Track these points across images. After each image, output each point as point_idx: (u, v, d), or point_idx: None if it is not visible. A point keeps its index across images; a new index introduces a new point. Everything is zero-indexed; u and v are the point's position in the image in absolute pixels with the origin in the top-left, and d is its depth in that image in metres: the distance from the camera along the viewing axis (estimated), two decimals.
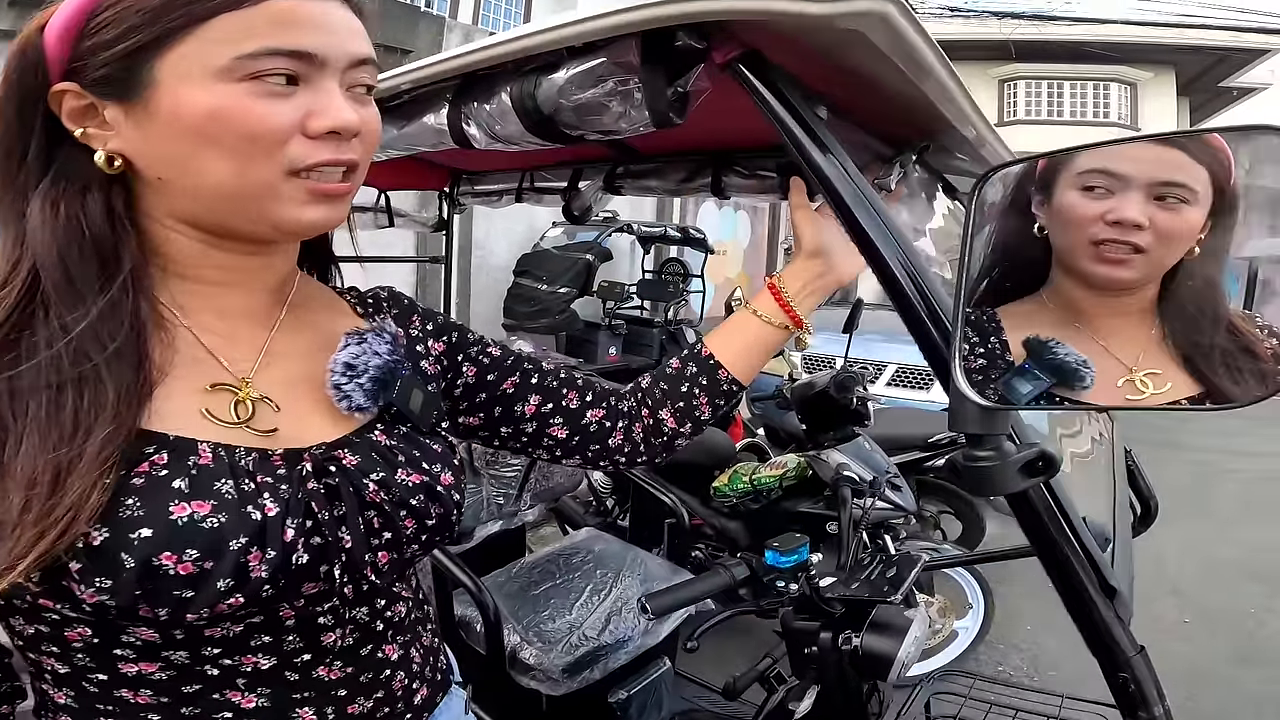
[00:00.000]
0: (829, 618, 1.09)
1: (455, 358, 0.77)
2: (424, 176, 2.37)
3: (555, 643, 1.56)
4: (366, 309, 0.73)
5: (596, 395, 0.83)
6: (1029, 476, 0.53)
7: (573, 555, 1.90)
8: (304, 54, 0.52)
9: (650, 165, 1.86)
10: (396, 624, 0.67)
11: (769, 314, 0.81)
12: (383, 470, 0.60)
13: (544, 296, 6.44)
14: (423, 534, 0.62)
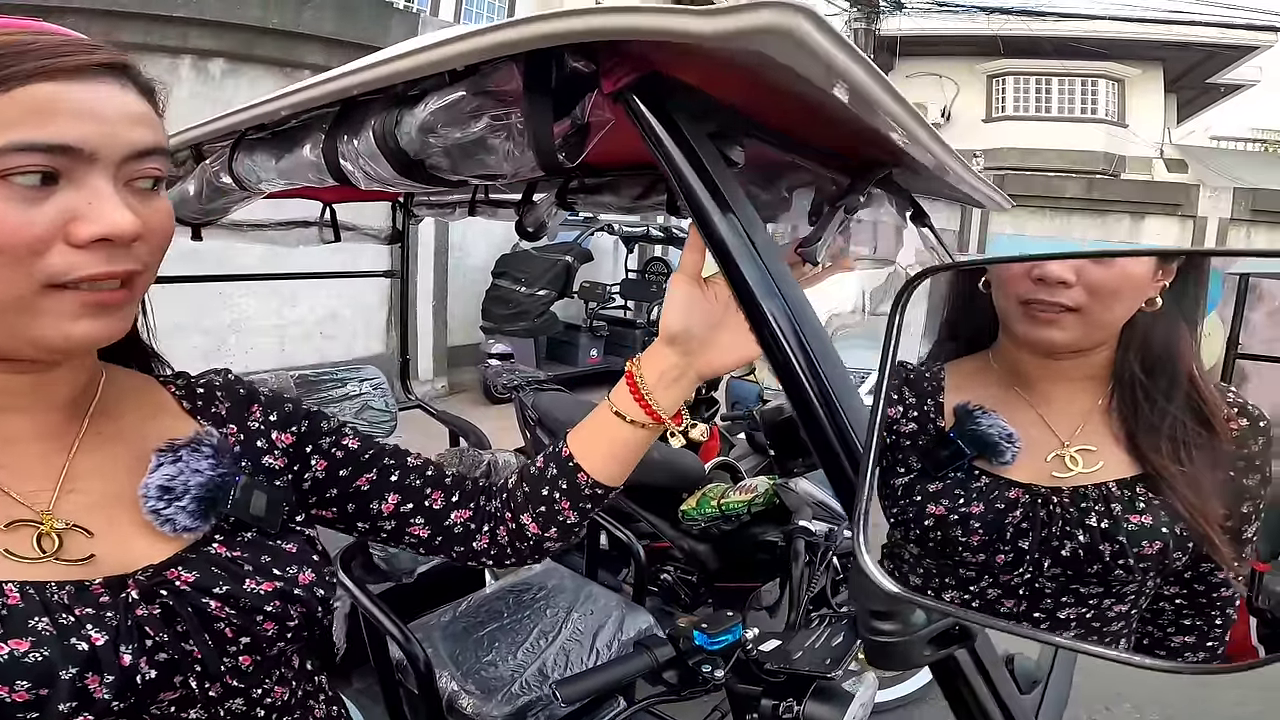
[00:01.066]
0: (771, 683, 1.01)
1: (304, 449, 0.71)
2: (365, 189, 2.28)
3: (495, 691, 1.46)
4: (195, 402, 0.67)
5: (464, 495, 0.76)
6: (941, 648, 0.44)
7: (524, 592, 1.80)
8: (64, 148, 0.46)
9: (604, 179, 1.77)
10: (280, 707, 0.64)
11: (626, 411, 0.70)
12: (226, 584, 0.57)
13: (523, 298, 6.32)
14: (286, 634, 0.60)
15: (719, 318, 0.68)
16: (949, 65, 14.63)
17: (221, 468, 0.60)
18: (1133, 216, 12.22)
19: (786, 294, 0.53)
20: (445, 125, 0.63)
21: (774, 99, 0.63)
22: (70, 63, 0.48)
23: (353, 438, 0.74)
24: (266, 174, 0.92)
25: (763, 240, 0.55)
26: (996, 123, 14.90)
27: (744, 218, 0.55)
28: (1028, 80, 14.67)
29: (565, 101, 0.60)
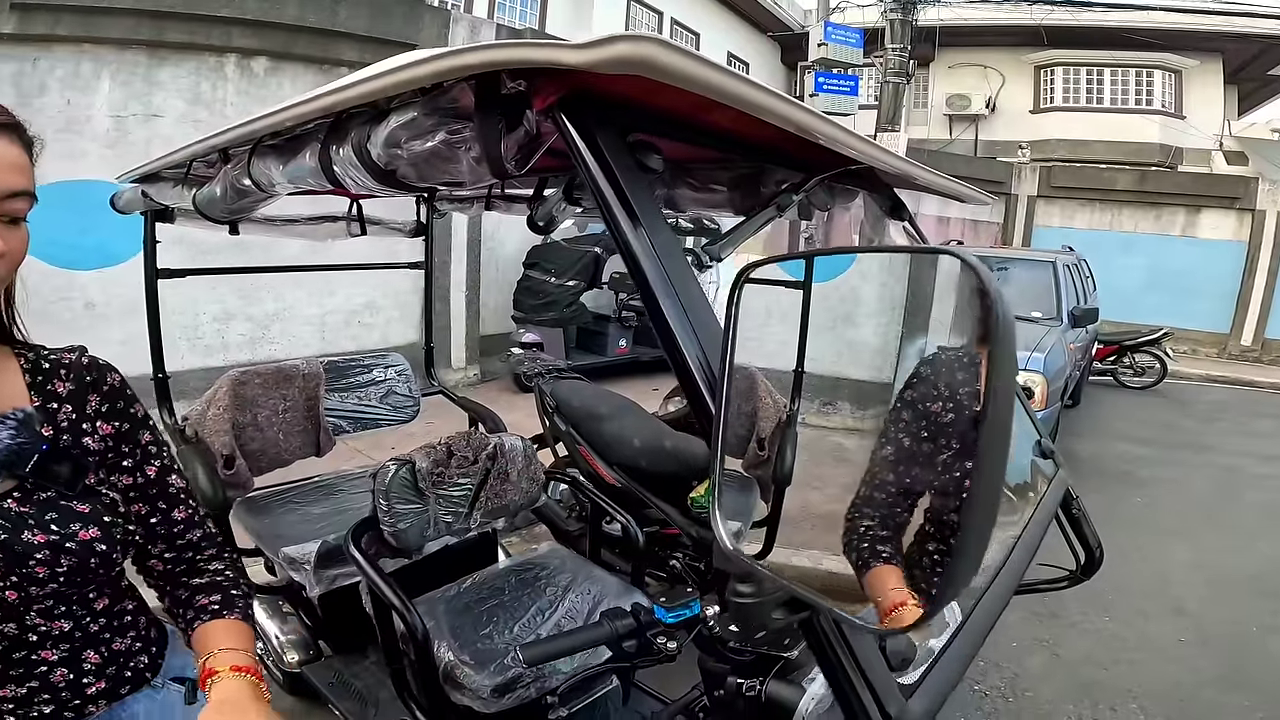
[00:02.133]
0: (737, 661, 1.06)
1: (120, 449, 0.85)
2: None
3: (487, 663, 1.53)
4: (36, 376, 0.80)
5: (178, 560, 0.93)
6: (791, 613, 0.49)
7: (527, 571, 1.88)
8: None
9: None
10: (57, 636, 0.79)
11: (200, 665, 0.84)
12: (4, 533, 0.72)
13: (553, 289, 6.42)
14: (58, 578, 0.75)
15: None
16: (994, 56, 14.26)
17: (21, 438, 0.73)
18: (1188, 210, 11.81)
19: (679, 288, 0.60)
20: (408, 139, 0.71)
21: (718, 107, 0.69)
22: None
23: (156, 466, 0.88)
24: (278, 177, 1.02)
25: (662, 240, 0.61)
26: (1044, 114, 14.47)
27: (647, 220, 0.61)
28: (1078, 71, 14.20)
29: (512, 117, 0.67)
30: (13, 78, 4.31)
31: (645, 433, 2.54)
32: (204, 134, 1.20)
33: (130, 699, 0.87)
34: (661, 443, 2.49)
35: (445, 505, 1.67)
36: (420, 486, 1.60)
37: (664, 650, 0.95)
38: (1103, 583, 3.27)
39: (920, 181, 1.28)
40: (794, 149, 0.97)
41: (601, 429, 2.56)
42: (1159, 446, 5.79)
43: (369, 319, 5.84)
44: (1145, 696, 2.47)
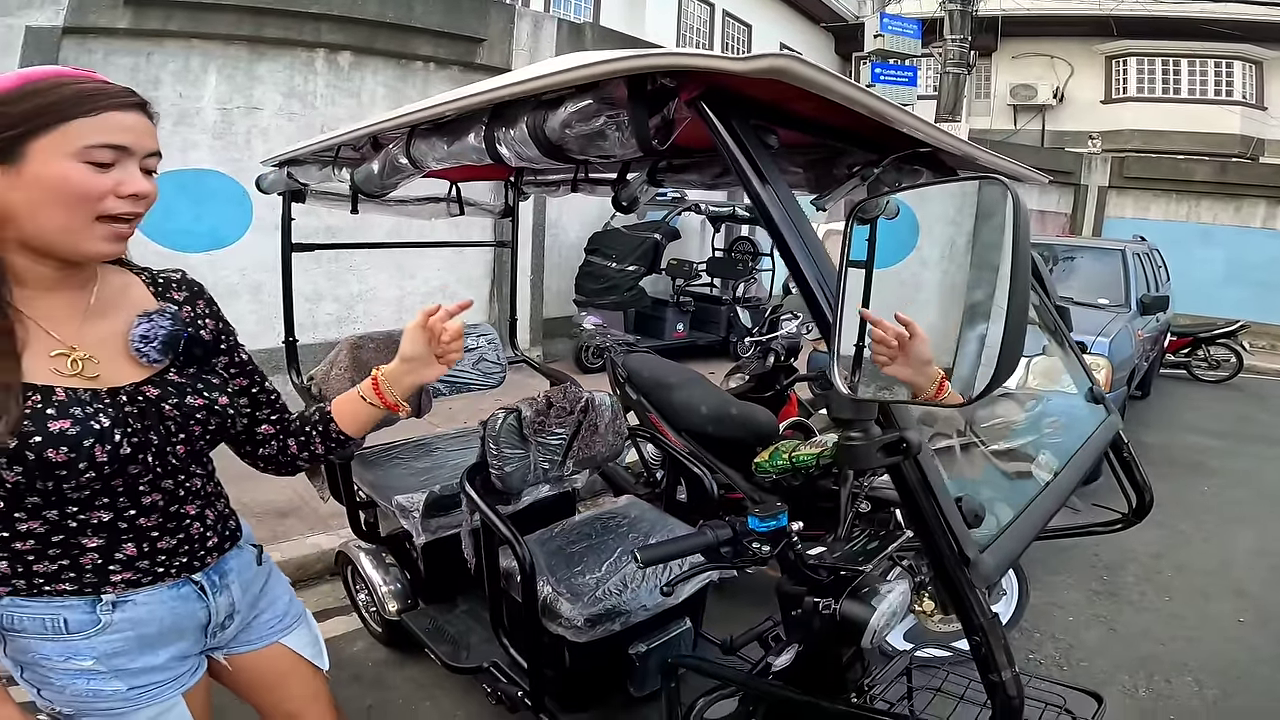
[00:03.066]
0: (816, 584, 1.21)
1: (220, 338, 1.10)
2: (491, 168, 2.60)
3: (582, 595, 1.71)
4: (157, 287, 1.05)
5: (280, 420, 1.17)
6: (889, 455, 0.65)
7: (610, 519, 2.08)
8: (121, 147, 0.85)
9: (689, 160, 2.01)
10: (195, 491, 1.04)
11: (368, 396, 1.12)
12: (174, 397, 0.97)
13: (613, 274, 6.62)
14: (208, 435, 1.01)
15: (425, 349, 1.12)
16: (1061, 46, 13.87)
17: (176, 326, 0.98)
18: (1269, 201, 11.35)
19: (802, 231, 0.77)
20: (579, 120, 0.90)
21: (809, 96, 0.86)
22: (124, 101, 0.86)
23: (244, 352, 1.14)
24: (437, 155, 1.23)
25: (784, 194, 0.78)
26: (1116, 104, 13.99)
27: (773, 180, 0.78)
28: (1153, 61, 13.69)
29: (656, 106, 0.85)
30: (129, 71, 4.68)
31: (712, 401, 2.71)
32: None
33: (229, 554, 1.11)
34: (728, 410, 2.66)
35: (544, 452, 1.87)
36: (524, 433, 1.80)
37: (759, 554, 1.12)
38: (1164, 564, 3.34)
39: (980, 162, 1.41)
40: (867, 133, 1.12)
41: (671, 397, 2.74)
42: (1231, 439, 5.65)
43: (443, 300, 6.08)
44: (1201, 671, 2.52)
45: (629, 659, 1.78)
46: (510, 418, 1.80)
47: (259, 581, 1.19)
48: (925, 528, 0.73)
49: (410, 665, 2.37)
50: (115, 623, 0.97)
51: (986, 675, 0.75)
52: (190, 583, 1.04)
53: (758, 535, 1.12)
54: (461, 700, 2.24)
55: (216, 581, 1.08)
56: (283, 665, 1.21)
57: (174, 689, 1.04)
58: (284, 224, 2.23)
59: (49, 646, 0.94)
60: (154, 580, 0.99)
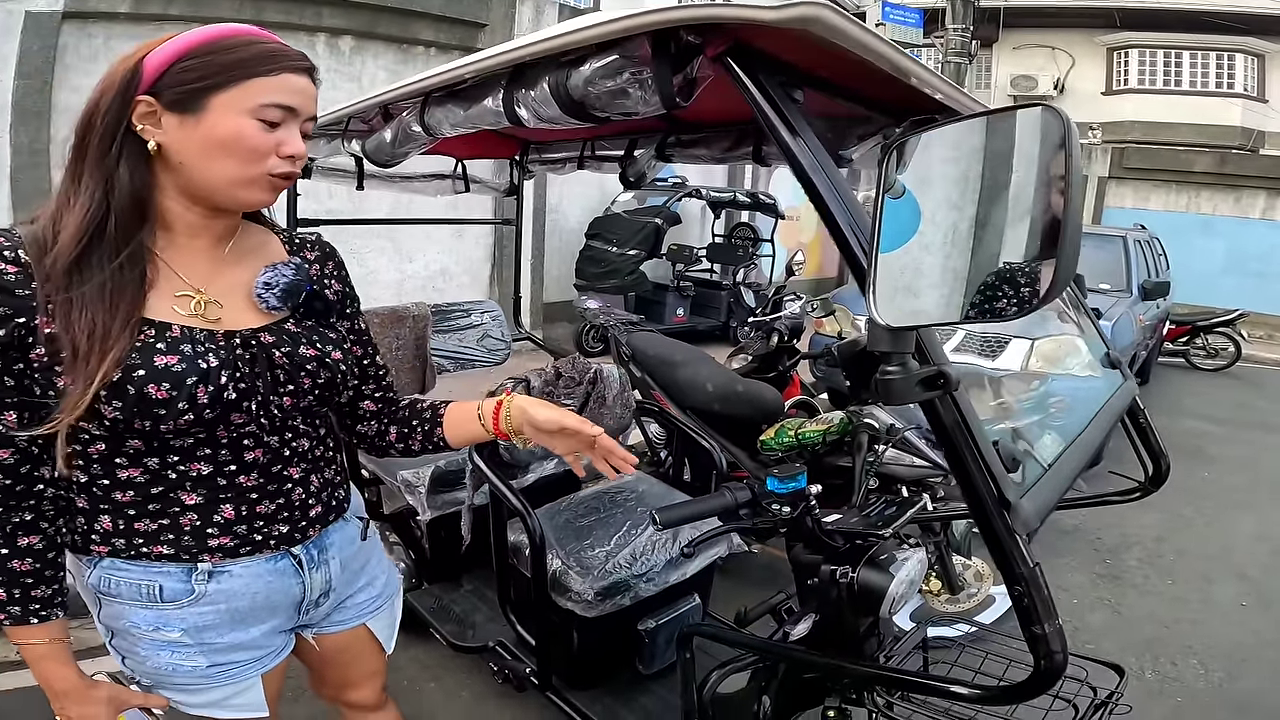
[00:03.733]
0: (832, 552, 1.21)
1: (345, 302, 1.08)
2: (497, 146, 2.59)
3: (591, 569, 1.70)
4: (293, 246, 1.05)
5: (384, 398, 1.15)
6: (927, 390, 0.64)
7: (618, 493, 2.08)
8: (290, 108, 0.86)
9: (698, 135, 2.00)
10: (301, 454, 1.00)
11: (485, 421, 1.08)
12: (288, 346, 0.94)
13: (614, 258, 6.61)
14: (316, 389, 0.96)
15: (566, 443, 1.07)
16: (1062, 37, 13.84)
17: (299, 277, 0.96)
18: (1269, 193, 11.41)
19: (832, 177, 0.76)
20: (602, 78, 0.89)
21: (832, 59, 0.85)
22: (299, 65, 0.87)
23: (363, 320, 1.12)
24: (453, 120, 1.21)
25: (813, 145, 0.77)
26: (1117, 96, 13.99)
27: (802, 132, 0.77)
28: (1154, 54, 13.68)
29: (680, 62, 0.84)
30: None
31: (718, 378, 2.71)
32: None
33: (331, 527, 1.06)
34: (734, 387, 2.66)
35: None
36: None
37: (779, 515, 1.12)
38: (1165, 548, 3.36)
39: None
40: (887, 96, 1.11)
41: (676, 374, 2.74)
42: (1230, 425, 5.68)
43: (443, 284, 6.14)
44: (1205, 653, 2.54)
45: (638, 635, 1.78)
46: (519, 387, 1.79)
47: (360, 558, 1.13)
48: (963, 469, 0.71)
49: (415, 646, 2.37)
50: (209, 594, 0.94)
51: (1029, 627, 0.74)
52: (289, 556, 1.00)
53: (777, 496, 1.12)
54: (466, 680, 2.24)
55: (315, 556, 1.03)
56: (360, 646, 1.17)
57: (254, 669, 1.00)
58: (290, 201, 2.22)
59: (141, 614, 0.92)
60: (252, 550, 0.95)
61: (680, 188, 7.19)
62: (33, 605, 0.87)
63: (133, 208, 0.83)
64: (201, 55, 0.82)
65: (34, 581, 0.86)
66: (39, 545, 0.87)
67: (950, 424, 0.70)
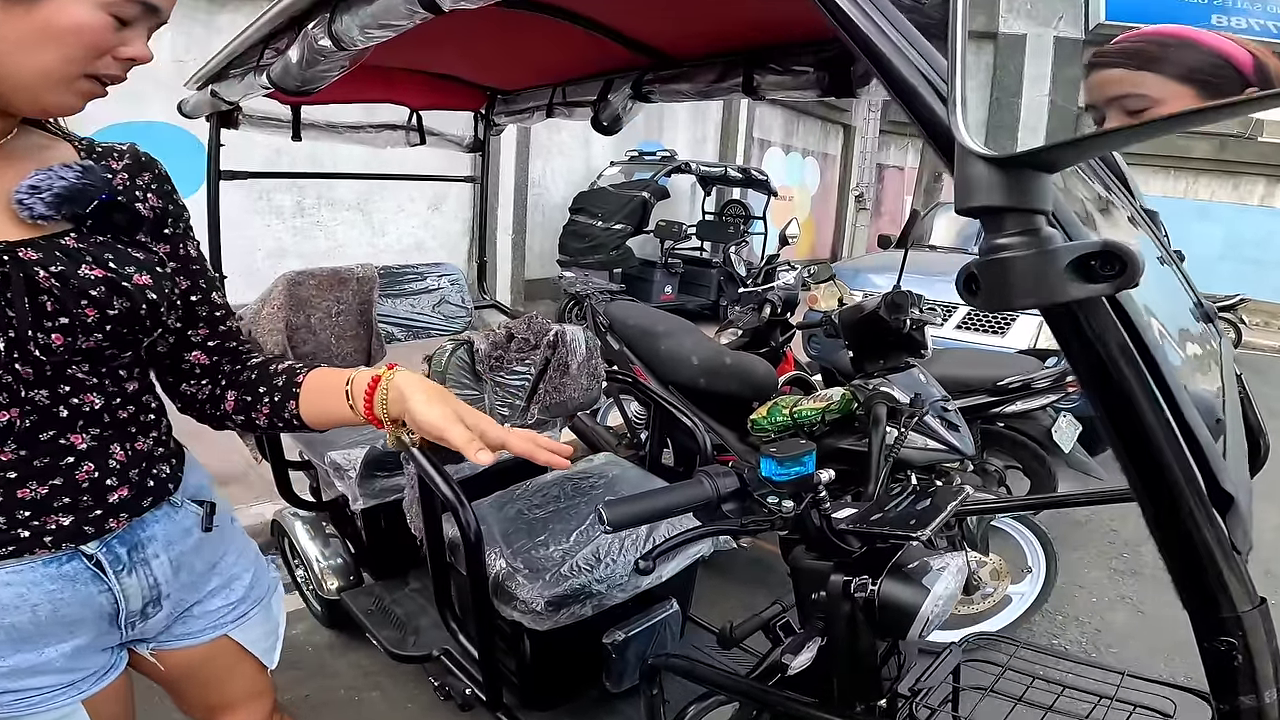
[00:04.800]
0: (844, 558, 0.92)
1: (164, 221, 0.84)
2: (460, 97, 2.31)
3: (543, 572, 1.41)
4: (93, 156, 0.81)
5: (220, 349, 0.89)
6: (1085, 281, 0.33)
7: (583, 479, 1.77)
8: (154, 8, 0.71)
9: (680, 69, 1.72)
10: (88, 415, 0.75)
11: (355, 402, 0.78)
12: (63, 265, 0.70)
13: (599, 233, 6.31)
14: (107, 324, 0.72)
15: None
16: None
17: (86, 180, 0.73)
18: (1268, 180, 11.38)
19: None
20: None
21: None
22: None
23: (195, 248, 0.88)
24: (362, 23, 0.98)
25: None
26: None
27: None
28: None
29: None
30: None
31: (704, 351, 2.41)
32: None
33: (150, 516, 0.82)
34: (722, 360, 2.37)
35: (502, 394, 1.56)
36: (477, 370, 1.49)
37: (778, 510, 0.82)
38: None
39: None
40: None
41: (658, 346, 2.44)
42: None
43: (417, 259, 5.80)
44: None
45: (604, 649, 1.48)
46: (460, 350, 1.48)
47: (206, 555, 0.89)
48: (1136, 436, 0.38)
49: (355, 650, 2.09)
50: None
51: (1230, 697, 0.44)
52: (79, 556, 0.76)
53: (774, 485, 0.81)
54: (413, 691, 1.96)
55: (123, 556, 0.79)
56: (224, 662, 0.94)
57: (67, 696, 0.78)
58: (211, 151, 1.91)
59: None
60: (16, 551, 0.72)
61: (669, 161, 6.87)
62: None
63: None
64: None
65: None
66: None
67: (1115, 350, 0.38)
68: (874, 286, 4.25)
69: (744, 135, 9.13)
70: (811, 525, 0.91)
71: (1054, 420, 2.52)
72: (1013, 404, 2.37)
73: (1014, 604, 2.29)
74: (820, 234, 11.80)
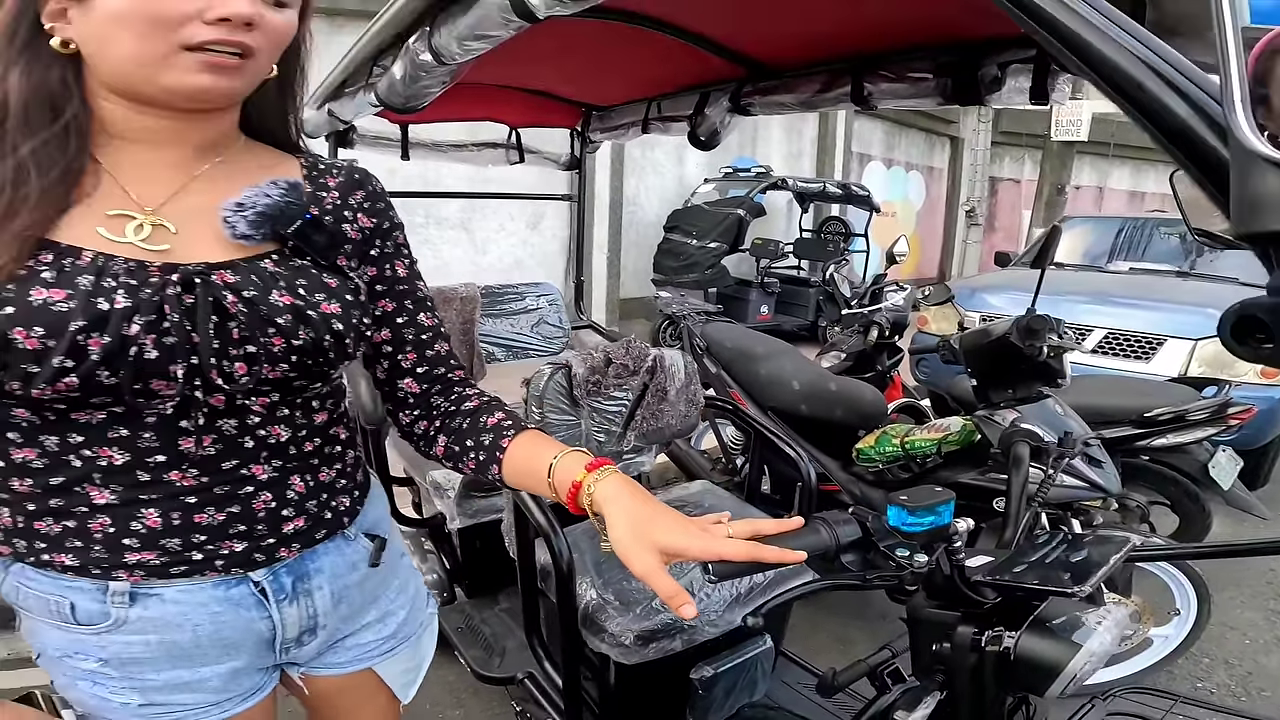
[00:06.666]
0: (974, 609, 0.82)
1: (373, 242, 0.82)
2: (556, 114, 2.33)
3: (633, 604, 1.36)
4: (313, 172, 0.80)
5: (429, 377, 0.86)
6: None
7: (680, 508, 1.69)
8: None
9: (781, 79, 1.64)
10: (273, 446, 0.73)
11: (558, 490, 0.73)
12: (256, 290, 0.68)
13: (693, 251, 6.27)
14: (292, 354, 0.69)
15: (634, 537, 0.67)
16: None
17: (289, 198, 0.72)
18: None
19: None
20: None
21: None
22: None
23: (406, 266, 0.84)
24: (459, 35, 0.99)
25: None
26: None
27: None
28: None
29: None
30: None
31: (806, 375, 2.30)
32: None
33: (321, 547, 0.80)
34: (826, 386, 2.25)
35: (599, 419, 1.52)
36: (575, 395, 1.46)
37: (908, 563, 0.72)
38: None
39: None
40: None
41: (757, 370, 2.35)
42: None
43: (517, 276, 5.98)
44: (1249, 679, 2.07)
45: (691, 684, 1.41)
46: (558, 374, 1.45)
47: (368, 590, 0.87)
48: None
49: (443, 666, 2.10)
50: (131, 621, 0.71)
51: None
52: (247, 582, 0.75)
53: (904, 536, 0.72)
54: (497, 712, 1.95)
55: (287, 586, 0.78)
56: (361, 693, 0.92)
57: (212, 715, 0.78)
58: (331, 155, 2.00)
59: (52, 634, 0.72)
60: (189, 571, 0.72)
61: (764, 178, 6.75)
62: None
63: (40, 108, 0.65)
64: None
65: None
66: None
67: None
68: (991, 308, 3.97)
69: (842, 149, 8.87)
70: (940, 575, 0.81)
71: (1211, 455, 2.25)
72: (1163, 437, 2.12)
73: (1155, 646, 2.06)
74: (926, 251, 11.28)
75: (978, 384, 1.88)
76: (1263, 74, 0.30)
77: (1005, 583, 0.76)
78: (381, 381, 0.86)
